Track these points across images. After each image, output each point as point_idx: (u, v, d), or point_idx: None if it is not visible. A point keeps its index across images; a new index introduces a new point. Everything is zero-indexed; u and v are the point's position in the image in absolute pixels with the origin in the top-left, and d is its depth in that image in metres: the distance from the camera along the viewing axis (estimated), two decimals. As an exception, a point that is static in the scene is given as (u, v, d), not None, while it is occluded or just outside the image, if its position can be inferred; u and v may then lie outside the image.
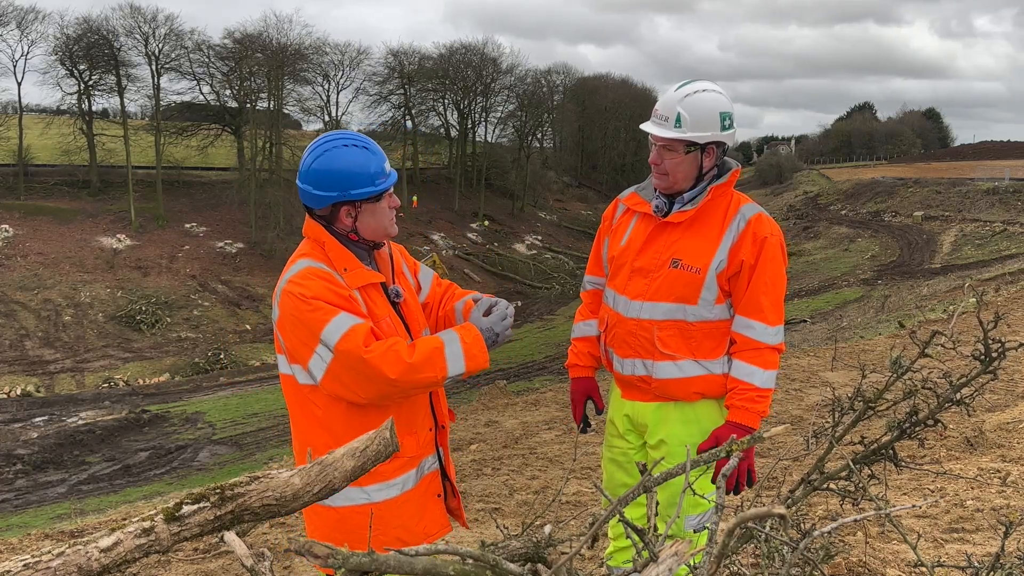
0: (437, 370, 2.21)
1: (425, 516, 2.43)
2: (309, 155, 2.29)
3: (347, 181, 2.25)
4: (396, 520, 2.36)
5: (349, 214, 2.30)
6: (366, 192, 2.27)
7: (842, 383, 8.61)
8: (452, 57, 61.74)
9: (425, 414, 2.45)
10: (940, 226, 44.82)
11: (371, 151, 2.31)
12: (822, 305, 29.04)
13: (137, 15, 47.31)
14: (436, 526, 2.47)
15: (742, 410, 2.60)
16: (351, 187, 2.26)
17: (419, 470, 2.41)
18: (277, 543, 4.55)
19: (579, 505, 5.23)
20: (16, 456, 20.39)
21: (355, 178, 2.26)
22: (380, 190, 2.30)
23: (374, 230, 2.34)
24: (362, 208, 2.30)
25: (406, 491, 2.36)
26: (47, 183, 45.73)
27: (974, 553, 3.37)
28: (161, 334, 36.38)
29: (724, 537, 1.30)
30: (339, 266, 2.28)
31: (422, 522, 2.42)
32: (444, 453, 2.54)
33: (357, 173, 2.26)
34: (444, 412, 2.52)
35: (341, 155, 2.26)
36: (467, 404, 13.20)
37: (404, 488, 2.36)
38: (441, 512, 2.50)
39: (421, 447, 2.42)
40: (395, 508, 2.35)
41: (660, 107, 2.66)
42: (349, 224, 2.31)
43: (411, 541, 2.35)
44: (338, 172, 2.25)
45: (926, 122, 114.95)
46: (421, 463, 2.42)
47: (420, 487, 2.41)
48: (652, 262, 2.69)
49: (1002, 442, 5.39)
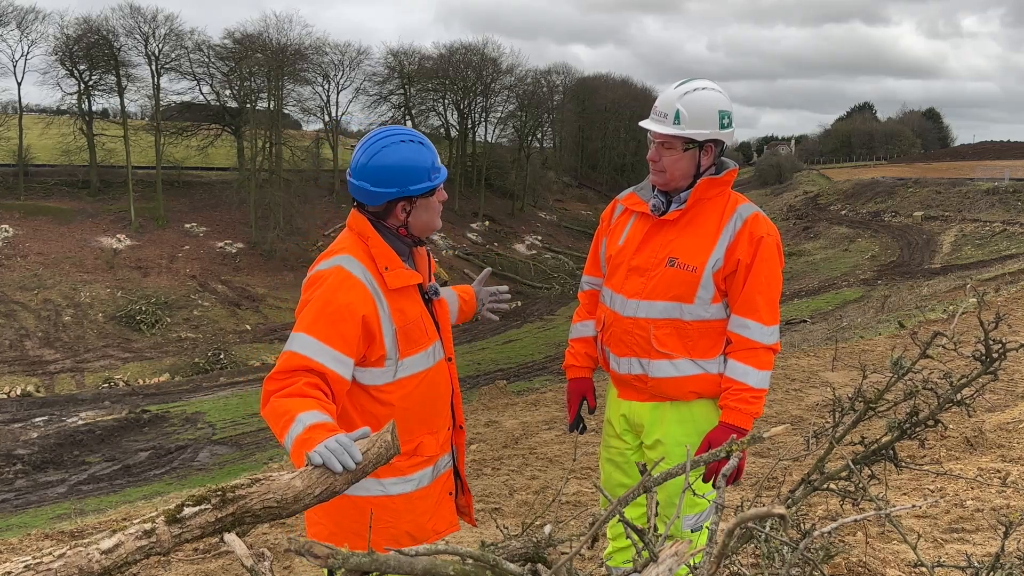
0: (279, 432, 2.06)
1: (437, 513, 2.45)
2: (363, 152, 2.27)
3: (406, 177, 2.25)
4: (409, 515, 2.37)
5: (404, 209, 2.29)
6: (424, 187, 2.27)
7: (842, 383, 8.61)
8: (452, 57, 61.76)
9: (446, 415, 2.47)
10: (940, 226, 44.82)
11: (425, 146, 2.31)
12: (822, 305, 29.03)
13: (137, 15, 47.40)
14: (445, 523, 2.49)
15: (735, 411, 2.60)
16: (410, 183, 2.25)
17: (435, 468, 2.43)
18: (277, 543, 4.55)
19: (579, 505, 5.23)
20: (16, 456, 20.39)
21: (414, 173, 2.25)
22: (436, 184, 2.30)
23: (424, 225, 2.34)
24: (417, 204, 2.29)
25: (421, 488, 2.38)
26: (47, 183, 45.73)
27: (974, 553, 3.37)
28: (161, 334, 36.39)
29: (724, 537, 1.31)
30: (381, 264, 2.27)
31: (433, 519, 2.43)
32: (459, 452, 2.56)
33: (415, 168, 2.26)
34: (461, 412, 2.56)
35: (399, 151, 2.25)
36: (467, 404, 13.22)
37: (420, 485, 2.38)
38: (451, 510, 2.52)
39: (440, 446, 2.44)
40: (409, 503, 2.36)
41: (659, 104, 2.67)
42: (402, 219, 2.31)
43: (420, 536, 2.37)
44: (397, 168, 2.24)
45: (926, 122, 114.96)
46: (438, 461, 2.44)
47: (435, 485, 2.43)
48: (649, 261, 2.69)
49: (1002, 442, 5.39)
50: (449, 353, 2.49)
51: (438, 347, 2.42)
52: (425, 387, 2.37)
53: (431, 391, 2.39)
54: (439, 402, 2.43)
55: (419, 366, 2.35)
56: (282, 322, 38.29)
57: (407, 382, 2.32)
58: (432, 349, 2.39)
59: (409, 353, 2.31)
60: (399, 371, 2.31)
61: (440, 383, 2.43)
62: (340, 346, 2.15)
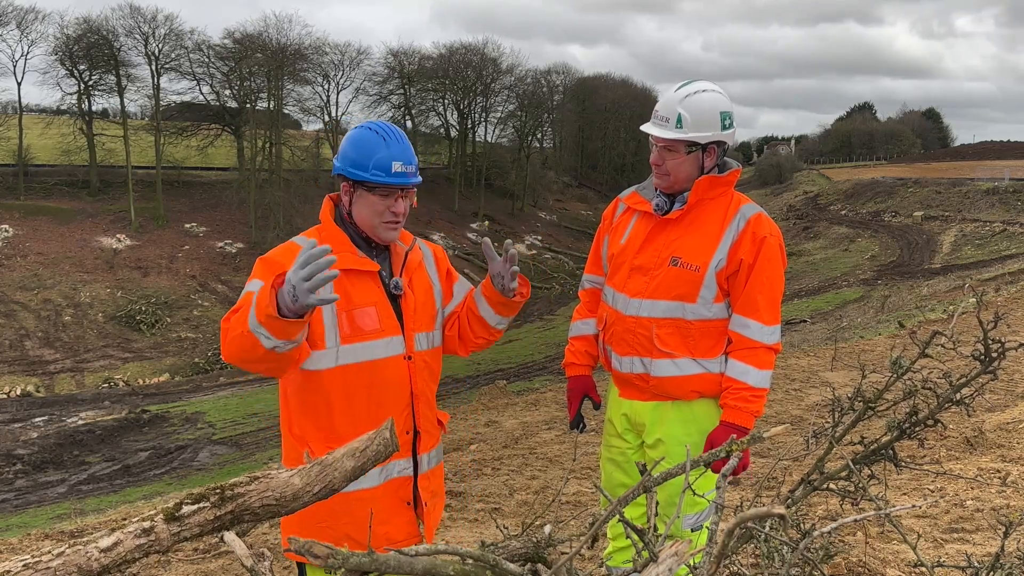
0: (241, 323, 2.07)
1: (390, 521, 2.35)
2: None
3: (347, 156, 2.32)
4: (346, 517, 2.29)
5: (347, 192, 2.35)
6: (358, 175, 2.29)
7: (842, 383, 8.61)
8: (452, 57, 61.76)
9: (402, 416, 2.36)
10: (940, 226, 44.80)
11: (388, 143, 2.31)
12: (822, 305, 29.02)
13: (137, 15, 47.41)
14: (402, 534, 2.38)
15: (736, 410, 2.60)
16: (349, 164, 2.31)
17: (384, 471, 2.33)
18: (277, 543, 4.55)
19: (579, 505, 5.23)
20: (16, 456, 20.39)
21: (353, 157, 2.31)
22: (370, 180, 2.28)
23: (363, 220, 2.35)
24: (356, 192, 2.33)
25: (361, 489, 2.27)
26: (47, 183, 45.72)
27: (974, 553, 3.37)
28: (161, 334, 36.39)
29: (724, 537, 1.30)
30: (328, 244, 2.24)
31: (383, 526, 2.33)
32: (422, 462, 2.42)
33: (358, 152, 2.30)
34: (427, 418, 2.42)
35: (358, 133, 2.35)
36: (467, 404, 13.21)
37: (359, 485, 2.19)
38: (409, 520, 2.40)
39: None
40: (345, 504, 2.24)
41: (661, 108, 2.67)
42: (346, 203, 2.36)
43: (364, 541, 2.24)
44: (346, 143, 2.35)
45: (926, 122, 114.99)
46: (388, 464, 2.33)
47: (383, 490, 2.33)
48: (652, 260, 2.69)
49: (1002, 442, 5.39)
50: (410, 351, 2.38)
51: (395, 342, 2.33)
52: (371, 379, 2.30)
53: (378, 384, 2.31)
54: (389, 398, 2.33)
55: (364, 356, 2.28)
56: (282, 322, 38.22)
57: (350, 370, 2.27)
58: (386, 342, 2.31)
59: (352, 340, 2.27)
60: (340, 357, 2.26)
61: (392, 379, 2.33)
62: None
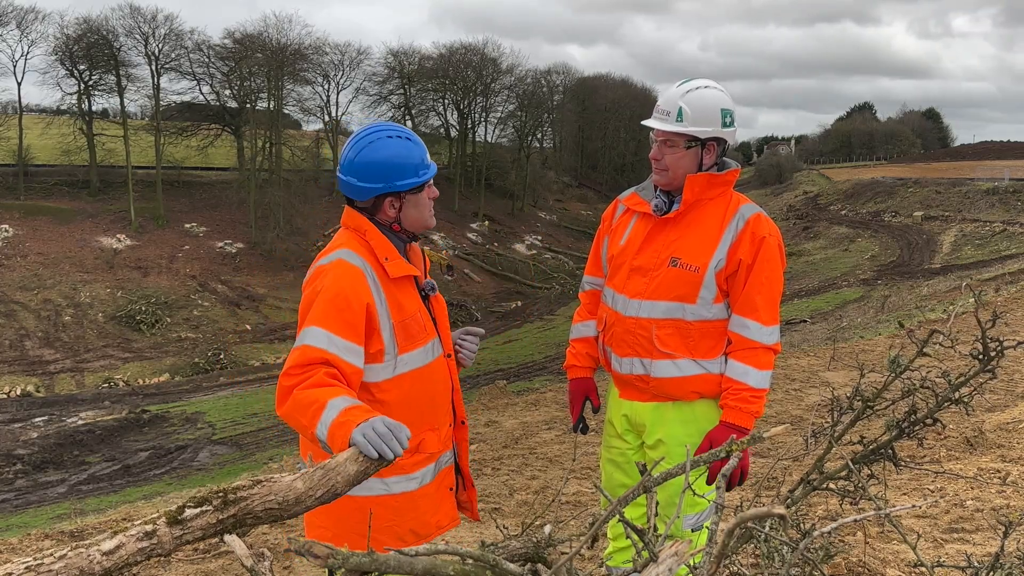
0: (308, 421, 2.01)
1: (440, 510, 2.46)
2: (351, 148, 2.31)
3: (392, 172, 2.27)
4: (412, 513, 2.37)
5: (393, 205, 2.32)
6: (410, 183, 2.29)
7: (842, 383, 8.61)
8: (452, 57, 61.72)
9: (447, 411, 2.47)
10: (940, 226, 44.78)
11: (413, 142, 2.33)
12: (822, 305, 29.01)
13: (137, 15, 47.34)
14: (447, 519, 2.50)
15: (736, 410, 2.60)
16: (396, 178, 2.27)
17: (437, 464, 2.43)
18: (277, 543, 4.55)
19: (579, 505, 5.23)
20: (16, 456, 20.39)
21: (400, 169, 2.28)
22: (423, 180, 2.32)
23: (416, 220, 2.36)
24: (406, 199, 2.32)
25: (424, 485, 2.38)
26: (47, 183, 45.69)
27: (974, 553, 3.37)
28: (161, 334, 36.36)
29: (724, 537, 1.31)
30: (381, 255, 2.29)
31: (436, 515, 2.44)
32: (461, 448, 2.57)
33: (401, 164, 2.28)
34: (462, 408, 2.56)
35: (385, 146, 2.28)
36: (467, 404, 13.17)
37: (423, 482, 2.38)
38: (452, 505, 2.53)
39: (442, 443, 2.44)
40: (412, 501, 2.36)
41: (662, 103, 2.68)
42: (393, 215, 2.33)
43: (424, 532, 2.39)
44: (383, 163, 2.27)
45: (926, 122, 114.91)
46: (440, 458, 2.44)
47: (436, 481, 2.44)
48: (651, 261, 2.69)
49: (1002, 442, 5.39)
50: (448, 349, 2.49)
51: (436, 343, 2.42)
52: (425, 383, 2.37)
53: (431, 387, 2.39)
54: (439, 398, 2.43)
55: (418, 362, 2.35)
56: (282, 322, 38.28)
57: (406, 378, 2.32)
58: (431, 345, 2.39)
59: (408, 349, 2.31)
60: (398, 367, 2.31)
61: (440, 379, 2.42)
62: (351, 336, 2.16)
